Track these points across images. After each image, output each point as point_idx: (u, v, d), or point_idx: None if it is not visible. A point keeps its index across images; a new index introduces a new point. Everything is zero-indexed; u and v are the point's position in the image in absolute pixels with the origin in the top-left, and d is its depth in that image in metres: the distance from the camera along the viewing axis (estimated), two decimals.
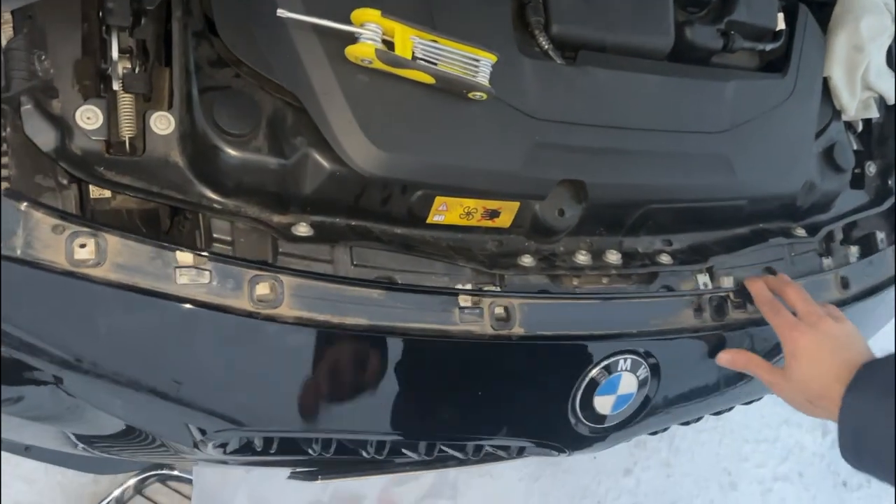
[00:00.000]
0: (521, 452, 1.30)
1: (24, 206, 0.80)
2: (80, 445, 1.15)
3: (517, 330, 1.05)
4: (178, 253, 0.86)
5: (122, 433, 1.08)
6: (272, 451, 1.12)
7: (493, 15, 1.04)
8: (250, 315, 0.90)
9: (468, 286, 1.05)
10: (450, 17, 1.00)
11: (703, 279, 1.25)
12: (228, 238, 0.94)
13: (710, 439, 2.67)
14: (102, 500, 1.71)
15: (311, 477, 1.33)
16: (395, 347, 1.01)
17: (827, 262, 1.42)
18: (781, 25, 1.32)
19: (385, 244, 1.01)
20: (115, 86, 0.89)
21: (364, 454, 1.21)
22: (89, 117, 0.87)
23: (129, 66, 0.90)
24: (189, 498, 1.79)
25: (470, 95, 0.99)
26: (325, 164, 0.94)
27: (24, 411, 1.00)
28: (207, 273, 0.87)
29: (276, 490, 1.73)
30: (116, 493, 1.70)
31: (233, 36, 0.93)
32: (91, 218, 0.94)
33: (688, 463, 2.61)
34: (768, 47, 1.31)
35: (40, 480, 1.72)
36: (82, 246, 0.82)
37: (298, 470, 1.36)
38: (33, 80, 0.82)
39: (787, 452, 2.85)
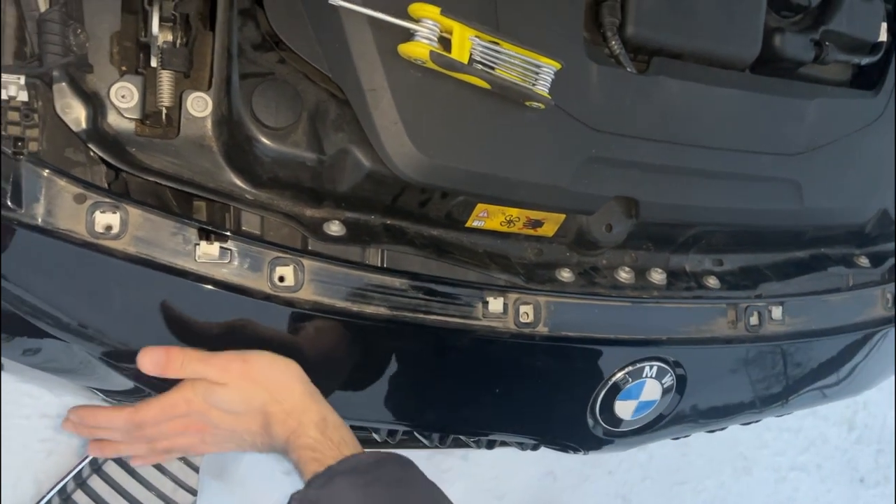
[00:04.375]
0: (536, 447, 1.29)
1: (46, 172, 0.78)
2: (101, 396, 1.17)
3: (541, 329, 1.01)
4: (200, 232, 0.83)
5: (135, 390, 1.09)
6: None
7: (564, 13, 0.95)
8: (268, 298, 0.88)
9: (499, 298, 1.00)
10: (516, 14, 0.92)
11: None
12: (258, 233, 0.90)
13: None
14: None
15: None
16: (414, 339, 0.98)
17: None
18: (883, 37, 1.19)
19: (419, 248, 0.96)
20: (154, 62, 0.84)
21: (376, 438, 1.22)
22: (124, 95, 0.83)
23: (169, 38, 0.85)
24: None
25: (527, 104, 0.91)
26: (364, 163, 0.89)
27: (42, 363, 1.01)
28: (228, 253, 0.85)
29: None
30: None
31: (280, 17, 0.86)
32: (122, 189, 0.92)
33: (704, 443, 2.59)
34: (864, 61, 1.19)
35: (67, 393, 1.78)
36: (103, 211, 0.79)
37: None
38: (68, 56, 0.77)
39: (809, 443, 2.81)
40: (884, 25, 1.19)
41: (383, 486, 0.81)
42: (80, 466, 1.72)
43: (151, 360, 0.84)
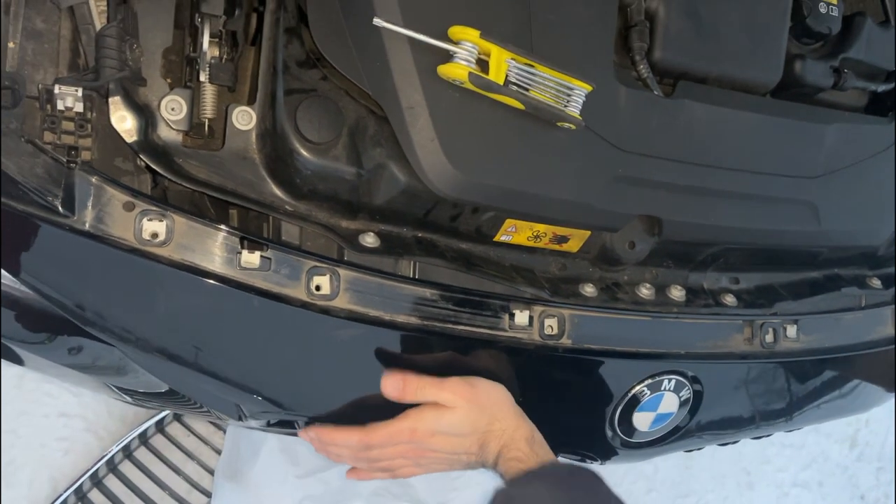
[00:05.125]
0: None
1: (95, 179, 0.81)
2: (124, 396, 1.20)
3: (565, 341, 1.04)
4: (242, 241, 0.86)
5: (169, 395, 1.11)
6: None
7: (595, 37, 0.99)
8: (305, 305, 0.91)
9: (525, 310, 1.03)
10: (550, 37, 0.95)
11: None
12: (296, 243, 0.93)
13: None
14: (128, 434, 1.79)
15: None
16: (443, 348, 1.01)
17: None
18: None
19: (449, 261, 0.99)
20: (202, 76, 0.87)
21: None
22: (174, 108, 0.86)
23: (216, 54, 0.88)
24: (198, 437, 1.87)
25: (558, 124, 0.95)
26: (400, 178, 0.92)
27: (82, 362, 1.03)
28: (268, 261, 0.88)
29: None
30: (137, 431, 1.78)
31: (324, 35, 0.90)
32: (161, 197, 0.95)
33: (708, 458, 2.61)
34: (880, 88, 1.23)
35: (87, 394, 1.81)
36: (150, 219, 0.83)
37: None
38: (124, 70, 0.80)
39: (811, 460, 2.83)
40: None
41: (573, 490, 0.91)
42: (96, 466, 1.75)
43: (392, 385, 0.94)
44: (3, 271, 0.84)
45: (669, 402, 1.17)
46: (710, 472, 2.63)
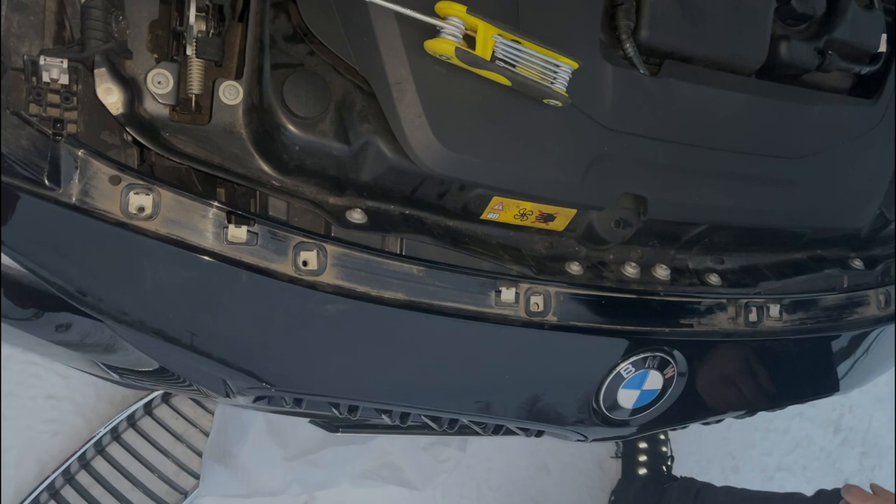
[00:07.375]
0: (539, 433, 1.33)
1: (80, 152, 0.80)
2: (112, 374, 1.20)
3: (550, 318, 1.05)
4: (229, 216, 0.86)
5: (157, 371, 1.11)
6: (301, 410, 1.15)
7: (582, 15, 0.99)
8: (292, 280, 0.91)
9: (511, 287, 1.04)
10: (537, 14, 0.95)
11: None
12: (284, 218, 0.94)
13: (720, 423, 2.68)
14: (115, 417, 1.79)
15: (331, 428, 1.37)
16: (430, 324, 1.02)
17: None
18: (883, 48, 1.24)
19: (436, 238, 1.00)
20: (189, 50, 0.87)
21: (387, 420, 1.25)
22: (160, 81, 0.86)
23: (203, 28, 0.88)
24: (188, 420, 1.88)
25: (545, 101, 0.95)
26: (387, 154, 0.93)
27: (69, 339, 1.03)
28: (255, 236, 0.88)
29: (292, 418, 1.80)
30: (125, 413, 1.78)
31: (311, 10, 0.90)
32: (148, 172, 0.94)
33: (694, 442, 2.64)
34: (864, 70, 1.24)
35: (74, 376, 1.80)
36: (137, 193, 0.83)
37: (320, 419, 1.40)
38: (109, 42, 0.80)
39: (796, 444, 2.86)
40: (884, 36, 1.23)
41: None
42: (83, 448, 1.75)
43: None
44: None
45: (653, 380, 1.18)
46: (696, 456, 2.65)
